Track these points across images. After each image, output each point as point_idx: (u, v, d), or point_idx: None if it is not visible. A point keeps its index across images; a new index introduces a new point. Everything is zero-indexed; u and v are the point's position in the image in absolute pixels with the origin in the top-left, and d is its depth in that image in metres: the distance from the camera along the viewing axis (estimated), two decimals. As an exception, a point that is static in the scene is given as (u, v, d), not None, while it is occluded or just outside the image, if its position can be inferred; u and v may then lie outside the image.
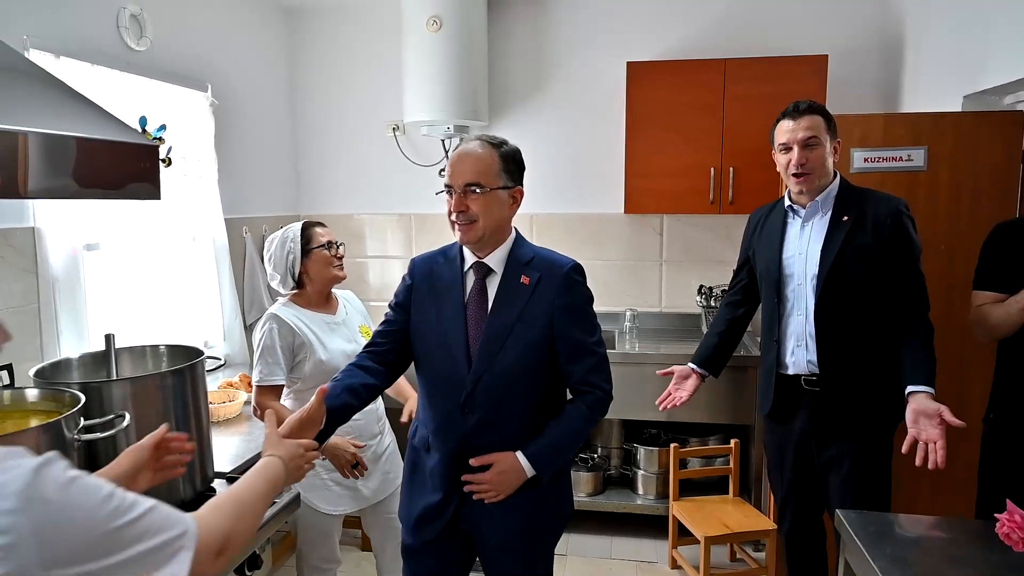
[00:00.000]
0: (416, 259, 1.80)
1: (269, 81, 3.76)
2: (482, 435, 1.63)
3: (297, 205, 4.04)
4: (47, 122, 1.43)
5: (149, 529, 0.83)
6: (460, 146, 1.67)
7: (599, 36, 3.64)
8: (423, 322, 1.71)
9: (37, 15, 2.25)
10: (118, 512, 0.80)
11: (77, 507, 0.77)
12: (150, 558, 0.82)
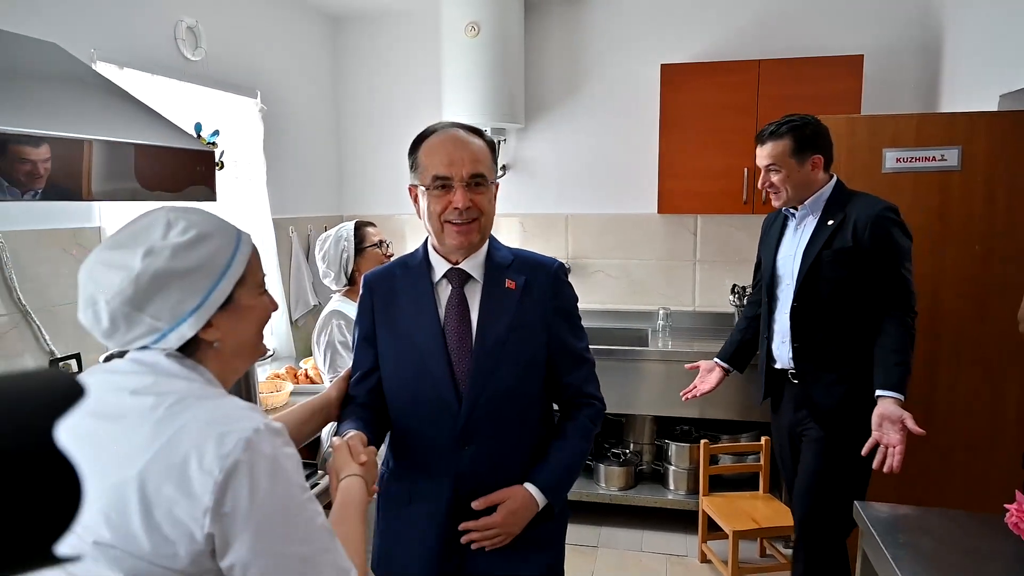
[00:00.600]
0: (369, 276, 1.53)
1: (314, 87, 3.92)
2: (481, 470, 1.40)
3: (340, 206, 4.20)
4: (113, 130, 1.58)
5: (327, 545, 0.90)
6: (438, 133, 1.41)
7: (633, 39, 3.71)
8: (392, 348, 1.45)
9: (103, 29, 2.42)
10: (310, 504, 0.89)
11: (283, 471, 0.86)
12: (310, 569, 0.87)
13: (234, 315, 0.98)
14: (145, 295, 0.90)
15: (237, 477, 0.83)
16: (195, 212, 0.98)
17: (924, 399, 2.67)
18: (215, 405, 0.89)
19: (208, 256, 0.94)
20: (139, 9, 2.58)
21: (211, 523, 0.83)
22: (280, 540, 0.86)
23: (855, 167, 2.64)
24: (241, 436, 0.85)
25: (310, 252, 3.70)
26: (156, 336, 0.93)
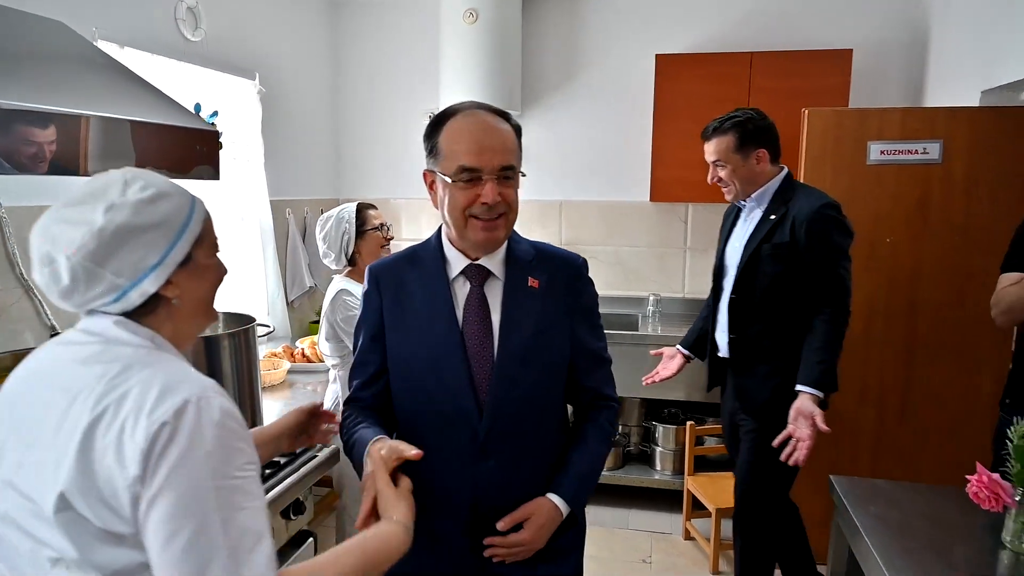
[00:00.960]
0: (375, 268, 1.40)
1: (313, 70, 3.95)
2: (501, 483, 1.30)
3: (337, 189, 4.24)
4: (119, 108, 1.62)
5: (247, 527, 0.87)
6: (463, 115, 1.26)
7: (629, 29, 3.76)
8: (403, 350, 1.34)
9: (104, 8, 2.45)
10: (241, 483, 0.88)
11: (214, 444, 0.86)
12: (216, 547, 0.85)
13: (193, 273, 1.00)
14: (108, 250, 0.91)
15: (161, 443, 0.84)
16: (149, 173, 1.00)
17: (903, 382, 2.77)
18: (157, 371, 0.90)
19: (168, 213, 0.96)
20: (141, -10, 2.61)
21: (138, 485, 0.84)
22: (204, 509, 0.85)
23: (841, 159, 2.72)
24: (169, 402, 0.86)
25: (307, 234, 3.75)
26: (116, 295, 0.94)
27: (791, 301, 2.19)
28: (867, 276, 2.73)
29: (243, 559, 0.87)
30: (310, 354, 2.92)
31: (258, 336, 2.00)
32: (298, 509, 1.90)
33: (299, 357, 2.92)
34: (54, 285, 0.94)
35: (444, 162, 1.25)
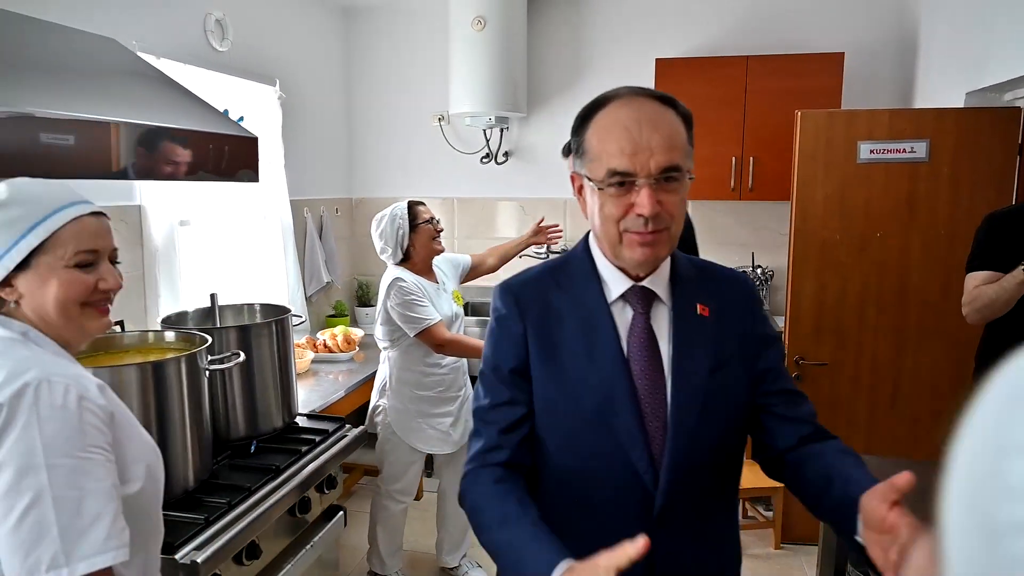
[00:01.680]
0: (514, 286, 1.15)
1: (328, 76, 4.11)
2: (679, 557, 1.06)
3: (350, 189, 4.41)
4: (176, 119, 1.79)
5: (83, 507, 0.93)
6: (617, 102, 1.04)
7: (630, 35, 3.92)
8: (554, 391, 1.08)
9: (143, 23, 2.62)
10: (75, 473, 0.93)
11: (49, 426, 0.93)
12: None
13: (34, 280, 1.05)
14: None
15: (2, 420, 0.93)
16: (25, 181, 1.08)
17: (893, 368, 2.93)
18: (8, 360, 0.99)
19: (8, 220, 1.03)
20: (174, 4, 2.78)
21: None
22: (39, 483, 0.92)
23: (832, 158, 2.88)
24: (14, 386, 0.94)
25: (323, 232, 3.91)
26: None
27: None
28: (858, 268, 2.89)
29: (74, 538, 0.92)
30: (331, 345, 3.09)
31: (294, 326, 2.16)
32: (331, 484, 2.07)
33: (321, 348, 3.09)
34: None
35: (592, 164, 1.03)
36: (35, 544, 0.91)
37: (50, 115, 1.46)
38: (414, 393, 2.62)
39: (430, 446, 2.66)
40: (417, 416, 2.62)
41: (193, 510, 1.59)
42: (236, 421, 2.00)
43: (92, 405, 1.00)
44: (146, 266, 2.61)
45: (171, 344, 1.75)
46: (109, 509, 0.97)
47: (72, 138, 1.52)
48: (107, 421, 1.02)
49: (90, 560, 0.93)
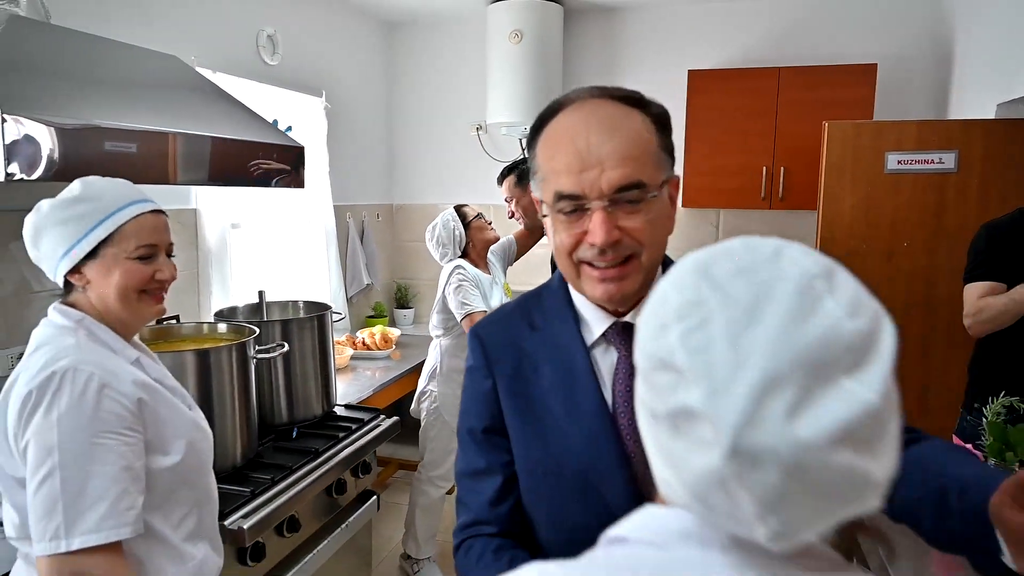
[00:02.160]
0: (482, 329, 1.02)
1: (370, 86, 4.30)
2: None
3: (391, 195, 4.58)
4: (233, 130, 1.96)
5: (87, 489, 1.06)
6: (566, 111, 0.89)
7: (663, 46, 4.01)
8: (534, 452, 0.93)
9: (201, 39, 2.83)
10: (98, 448, 1.08)
11: (71, 408, 1.07)
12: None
13: (101, 268, 1.20)
14: (35, 238, 1.20)
15: (29, 406, 1.08)
16: (95, 180, 1.22)
17: (920, 378, 2.95)
18: (51, 349, 1.13)
19: (82, 213, 1.18)
20: (229, 21, 2.99)
21: (17, 438, 1.10)
22: (52, 462, 1.06)
23: (859, 168, 2.93)
24: (43, 374, 1.09)
25: (364, 236, 4.09)
26: (51, 273, 1.21)
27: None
28: (884, 278, 2.93)
29: (78, 512, 1.05)
30: (370, 343, 3.25)
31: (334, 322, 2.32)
32: (365, 469, 2.21)
33: (360, 345, 3.25)
34: (32, 258, 1.23)
35: (542, 185, 0.89)
36: (46, 515, 1.06)
37: (114, 126, 1.64)
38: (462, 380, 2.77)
39: None
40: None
41: (240, 484, 1.75)
42: (279, 408, 2.16)
43: (115, 393, 1.13)
44: (200, 265, 2.81)
45: (223, 335, 1.92)
46: (112, 492, 1.08)
47: (135, 147, 1.69)
48: (133, 408, 1.15)
49: (84, 537, 1.06)
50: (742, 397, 0.45)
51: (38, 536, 1.06)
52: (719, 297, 0.49)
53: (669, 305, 0.52)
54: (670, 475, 0.52)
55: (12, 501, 1.15)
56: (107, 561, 1.08)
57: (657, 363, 0.51)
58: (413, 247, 4.50)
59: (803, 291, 0.48)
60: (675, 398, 0.49)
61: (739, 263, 0.52)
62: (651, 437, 0.54)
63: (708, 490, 0.48)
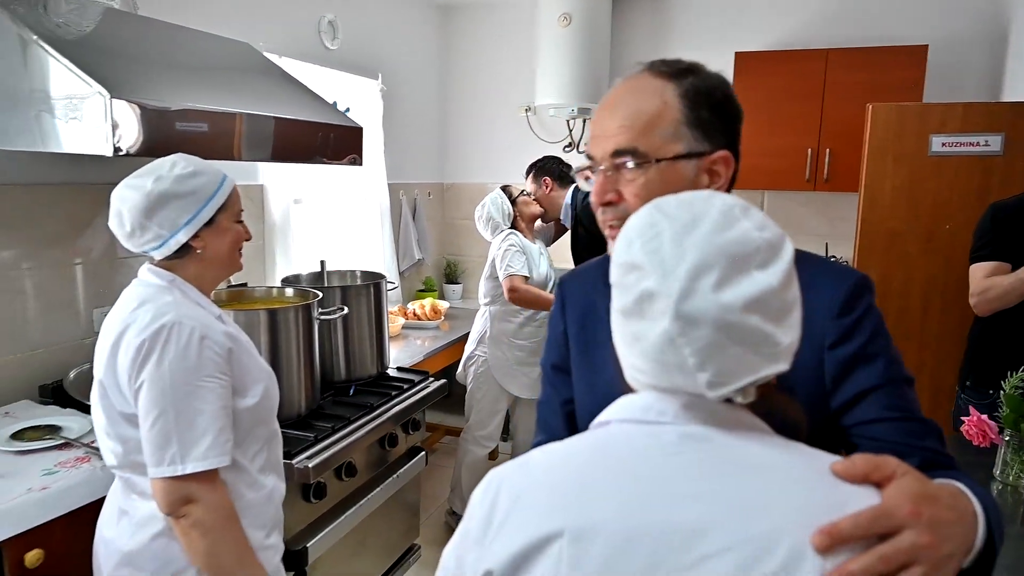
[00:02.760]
0: (565, 279, 1.11)
1: (424, 69, 4.46)
2: None
3: (441, 174, 4.76)
4: (300, 111, 2.15)
5: (196, 422, 1.26)
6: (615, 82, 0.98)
7: (710, 29, 4.05)
8: (583, 398, 1.03)
9: (268, 26, 3.03)
10: (201, 389, 1.28)
11: (178, 356, 1.26)
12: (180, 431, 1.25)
13: (215, 232, 1.39)
14: (153, 208, 1.32)
15: (143, 353, 1.25)
16: (193, 158, 1.42)
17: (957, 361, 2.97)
18: (156, 304, 1.30)
19: (199, 186, 1.35)
20: (293, 8, 3.18)
21: (131, 381, 1.27)
22: (165, 401, 1.25)
23: (903, 150, 2.95)
24: (153, 326, 1.27)
25: (416, 213, 4.28)
26: (160, 242, 1.34)
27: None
28: (925, 259, 2.96)
29: (190, 442, 1.25)
30: (420, 314, 3.44)
31: (388, 290, 2.51)
32: (415, 426, 2.40)
33: (411, 316, 3.44)
34: (121, 230, 1.36)
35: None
36: (162, 446, 1.27)
37: (195, 107, 1.82)
38: (512, 342, 3.07)
39: (521, 390, 3.09)
40: (514, 363, 3.06)
41: (304, 430, 1.95)
42: (338, 366, 2.36)
43: (211, 343, 1.32)
44: (266, 238, 3.03)
45: (290, 298, 2.13)
46: (214, 426, 1.29)
47: (210, 126, 1.88)
48: (225, 355, 1.34)
49: (197, 463, 1.27)
50: (682, 276, 0.64)
51: (156, 462, 1.26)
52: (667, 219, 0.68)
53: (633, 228, 0.70)
54: (636, 357, 0.69)
55: (118, 434, 1.34)
56: (209, 485, 1.29)
57: (627, 267, 0.69)
58: (462, 224, 4.67)
59: (725, 213, 0.67)
60: (638, 287, 0.67)
61: (681, 199, 0.71)
62: (620, 335, 0.72)
63: (663, 350, 0.65)
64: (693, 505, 0.62)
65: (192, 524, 1.27)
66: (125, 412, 1.32)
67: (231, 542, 1.32)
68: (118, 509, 1.40)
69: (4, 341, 2.04)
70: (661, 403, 0.70)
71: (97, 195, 2.25)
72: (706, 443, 0.67)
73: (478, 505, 0.72)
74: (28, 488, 1.50)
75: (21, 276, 2.07)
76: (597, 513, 0.64)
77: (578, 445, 0.74)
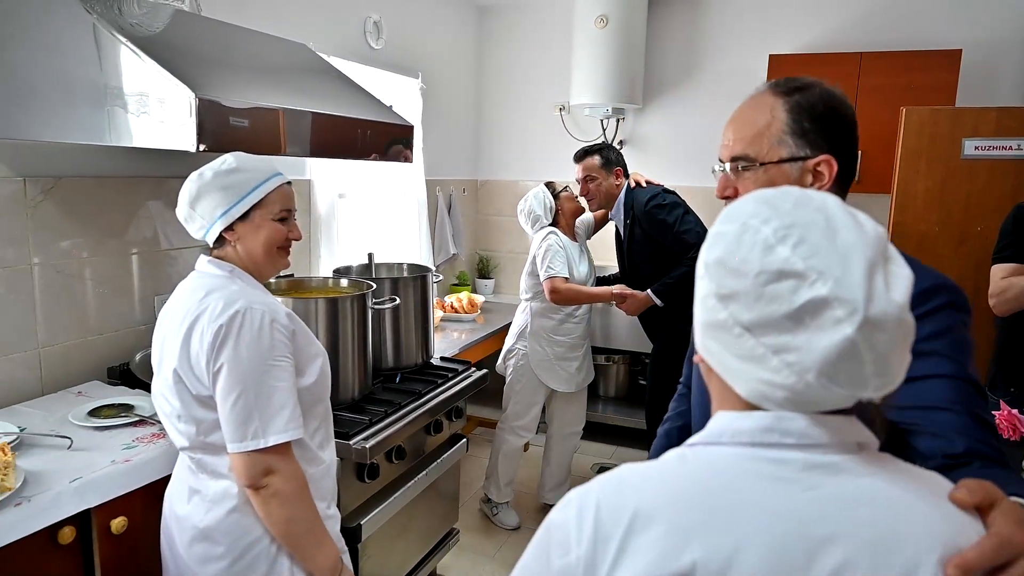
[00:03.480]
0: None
1: (461, 68, 4.56)
2: None
3: (476, 171, 4.85)
4: (358, 110, 2.25)
5: (274, 398, 1.37)
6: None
7: (745, 31, 4.10)
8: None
9: (317, 27, 3.13)
10: (274, 369, 1.38)
11: (254, 340, 1.36)
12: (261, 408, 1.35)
13: (249, 227, 1.47)
14: (195, 199, 1.44)
15: (220, 337, 1.34)
16: (245, 156, 1.51)
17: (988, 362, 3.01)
18: (224, 293, 1.40)
19: (237, 182, 1.44)
20: (342, 9, 3.29)
21: (210, 364, 1.36)
22: (245, 381, 1.34)
23: (936, 153, 2.99)
24: (227, 312, 1.36)
25: (451, 209, 4.38)
26: (205, 229, 1.46)
27: (660, 268, 2.99)
28: (957, 260, 3.00)
29: (269, 418, 1.35)
30: (457, 307, 3.54)
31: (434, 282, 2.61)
32: (458, 414, 2.50)
33: (448, 308, 3.54)
34: (180, 218, 1.50)
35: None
36: (244, 422, 1.36)
37: (259, 105, 1.91)
38: (551, 337, 3.16)
39: (558, 384, 3.19)
40: (553, 358, 3.15)
41: (358, 413, 2.06)
42: (386, 355, 2.47)
43: (279, 326, 1.42)
44: (312, 231, 3.15)
45: (344, 288, 2.23)
46: (289, 402, 1.39)
47: (276, 123, 1.97)
48: (290, 337, 1.44)
49: (277, 436, 1.37)
50: (860, 281, 0.61)
51: (239, 438, 1.36)
52: (799, 221, 0.65)
53: (760, 233, 0.65)
54: (773, 372, 0.64)
55: (192, 416, 1.43)
56: (286, 456, 1.40)
57: (773, 275, 0.63)
58: (496, 221, 4.77)
59: (843, 209, 0.67)
60: (799, 296, 0.62)
61: (790, 198, 0.68)
62: (744, 349, 0.66)
63: (838, 360, 0.61)
64: (833, 549, 0.60)
65: (272, 494, 1.38)
66: (201, 395, 1.41)
67: (306, 510, 1.42)
68: (188, 488, 1.49)
69: (74, 325, 2.17)
70: (782, 423, 0.66)
71: (155, 187, 2.37)
72: (837, 476, 0.64)
73: (575, 527, 0.66)
74: (112, 460, 1.62)
75: (86, 264, 2.19)
76: (731, 551, 0.61)
77: (690, 469, 0.69)
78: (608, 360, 4.32)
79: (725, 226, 0.69)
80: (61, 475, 1.52)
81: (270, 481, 1.38)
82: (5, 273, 1.97)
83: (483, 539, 3.15)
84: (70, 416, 1.82)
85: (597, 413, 4.21)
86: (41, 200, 2.04)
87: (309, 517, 1.43)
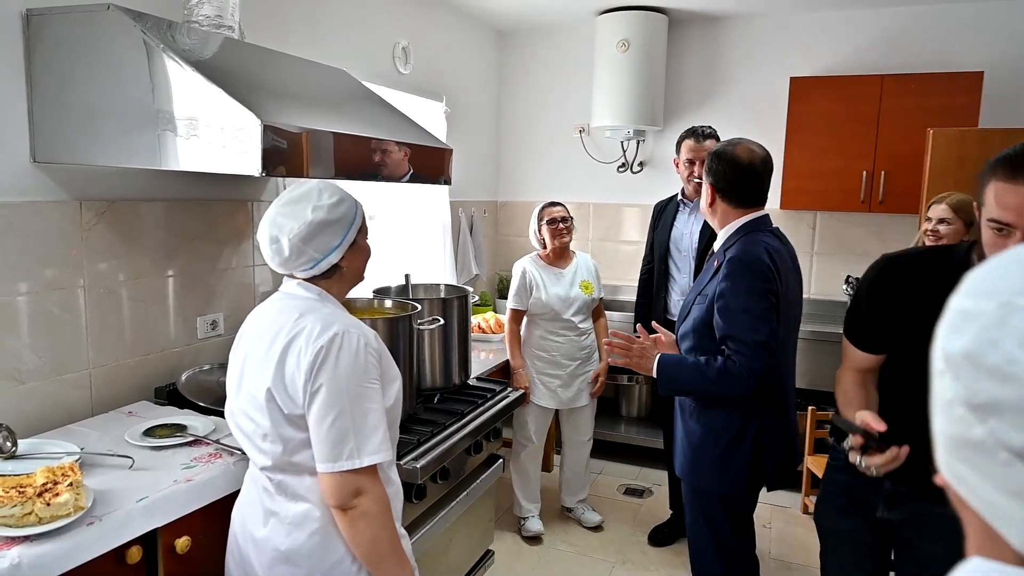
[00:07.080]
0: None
1: (483, 91, 4.62)
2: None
3: (496, 192, 4.90)
4: (402, 134, 2.28)
5: (368, 419, 1.38)
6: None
7: (765, 54, 4.16)
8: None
9: (350, 53, 3.19)
10: (368, 390, 1.40)
11: (351, 362, 1.37)
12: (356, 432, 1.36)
13: (356, 252, 1.52)
14: (312, 235, 1.43)
15: (320, 358, 1.36)
16: (333, 184, 1.55)
17: None
18: (320, 315, 1.42)
19: (345, 212, 1.47)
20: (371, 35, 3.35)
21: (307, 385, 1.37)
22: (342, 402, 1.36)
23: (963, 175, 3.03)
24: (326, 334, 1.37)
25: (473, 229, 4.41)
26: (312, 264, 1.46)
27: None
28: (985, 280, 3.01)
29: (364, 438, 1.37)
30: (485, 327, 3.56)
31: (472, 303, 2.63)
32: (496, 434, 2.51)
33: (475, 329, 3.56)
34: (277, 256, 1.46)
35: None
36: (339, 443, 1.37)
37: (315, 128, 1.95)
38: (533, 352, 3.23)
39: (540, 398, 3.24)
40: (535, 372, 3.22)
41: (405, 433, 2.07)
42: (426, 375, 2.48)
43: (371, 349, 1.44)
44: (344, 251, 3.18)
45: (388, 309, 2.26)
46: (383, 423, 1.41)
47: (303, 146, 2.00)
48: (379, 359, 1.47)
49: (372, 456, 1.39)
50: None
51: (333, 458, 1.37)
52: None
53: None
54: None
55: (280, 435, 1.43)
56: (376, 477, 1.42)
57: None
58: (515, 241, 4.80)
59: None
60: None
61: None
62: (1015, 484, 0.46)
63: None
64: None
65: (361, 514, 1.39)
66: (293, 414, 1.41)
67: (390, 530, 1.43)
68: (263, 510, 1.50)
69: (122, 346, 2.19)
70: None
71: (202, 211, 2.41)
72: None
73: None
74: (174, 480, 1.63)
75: (133, 285, 2.22)
76: None
77: None
78: (631, 380, 4.32)
79: (975, 302, 0.50)
80: (127, 494, 1.54)
81: (359, 502, 1.39)
82: (58, 295, 1.99)
83: (514, 560, 3.15)
84: (126, 436, 1.84)
85: (619, 433, 4.21)
86: (95, 223, 2.07)
87: (392, 538, 1.44)
